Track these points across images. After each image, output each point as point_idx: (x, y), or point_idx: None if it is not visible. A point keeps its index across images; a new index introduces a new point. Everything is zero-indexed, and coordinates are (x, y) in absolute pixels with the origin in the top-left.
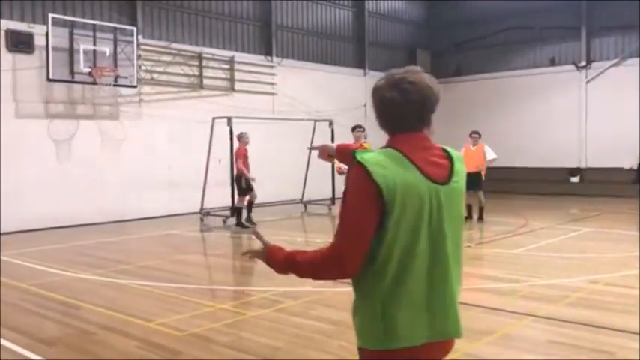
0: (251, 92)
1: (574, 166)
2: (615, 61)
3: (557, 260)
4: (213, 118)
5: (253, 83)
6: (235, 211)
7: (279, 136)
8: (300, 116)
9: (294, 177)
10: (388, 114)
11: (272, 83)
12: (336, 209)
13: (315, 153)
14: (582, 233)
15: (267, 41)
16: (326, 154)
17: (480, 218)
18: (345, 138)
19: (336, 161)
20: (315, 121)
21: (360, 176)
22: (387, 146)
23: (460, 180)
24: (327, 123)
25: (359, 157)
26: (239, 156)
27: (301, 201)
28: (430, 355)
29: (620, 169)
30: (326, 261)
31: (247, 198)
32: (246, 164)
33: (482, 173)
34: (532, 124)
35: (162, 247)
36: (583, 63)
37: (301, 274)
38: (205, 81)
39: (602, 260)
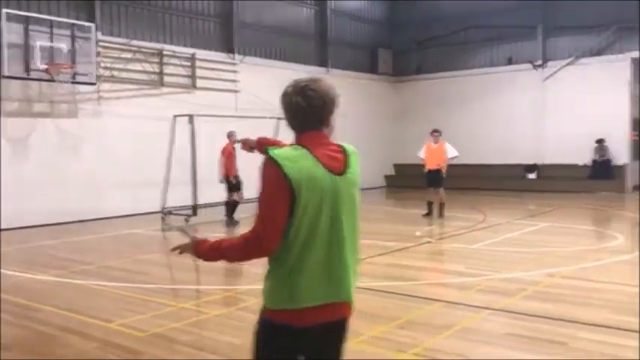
0: (213, 90)
1: (531, 162)
2: (570, 60)
3: (514, 255)
4: (175, 116)
5: (215, 81)
6: (227, 206)
7: (242, 134)
8: (263, 114)
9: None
10: (295, 116)
11: (234, 81)
12: None
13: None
14: (539, 228)
15: (228, 38)
16: (247, 146)
17: (441, 214)
18: None
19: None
20: (278, 119)
21: (273, 169)
22: (294, 143)
23: (354, 171)
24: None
25: (271, 152)
26: (224, 154)
27: None
28: (326, 314)
29: (576, 166)
30: (249, 243)
31: (233, 196)
32: (230, 163)
33: (443, 170)
34: (491, 121)
35: (124, 246)
36: (539, 62)
37: (230, 258)
38: (166, 78)
39: (559, 254)
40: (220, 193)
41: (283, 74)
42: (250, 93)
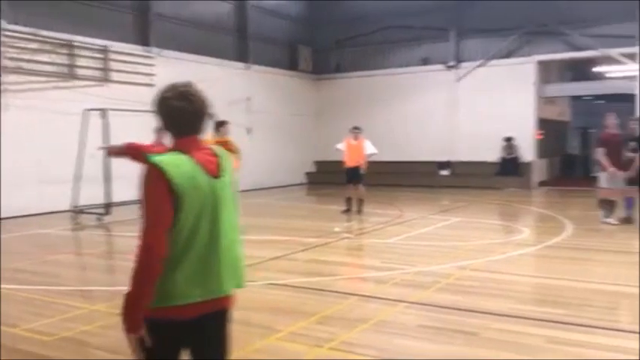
0: (128, 83)
1: (445, 159)
2: (481, 62)
3: (428, 249)
4: (86, 110)
5: (130, 74)
6: None
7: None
8: None
9: None
10: (176, 121)
11: (150, 74)
12: None
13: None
14: (452, 223)
15: (144, 31)
16: (114, 152)
17: (359, 211)
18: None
19: None
20: None
21: (157, 176)
22: (174, 148)
23: (228, 174)
24: (209, 117)
25: (153, 159)
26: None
27: None
28: (205, 307)
29: (486, 163)
30: (145, 256)
31: None
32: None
33: (363, 167)
34: (407, 120)
35: (32, 247)
36: (453, 63)
37: (147, 280)
38: (77, 71)
39: (469, 248)
40: (135, 191)
41: (202, 69)
42: None
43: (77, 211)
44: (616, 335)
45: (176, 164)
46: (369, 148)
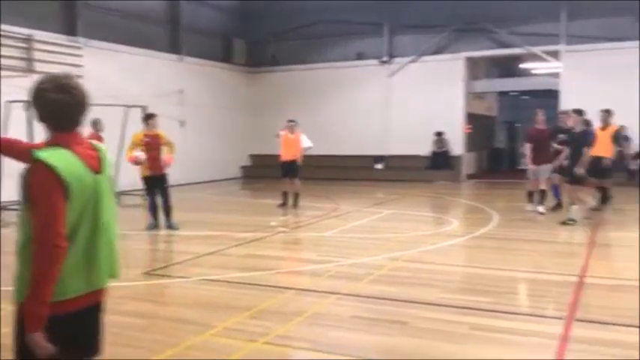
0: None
1: (379, 153)
2: (413, 57)
3: (362, 241)
4: (8, 102)
5: (56, 65)
6: None
7: (87, 123)
8: (110, 101)
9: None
10: (56, 114)
11: (78, 65)
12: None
13: None
14: (385, 215)
15: (71, 20)
16: None
17: (295, 204)
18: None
19: (132, 152)
20: (128, 107)
21: (46, 173)
22: (53, 142)
23: (108, 169)
24: (141, 109)
25: (40, 155)
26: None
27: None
28: (86, 300)
29: (418, 156)
30: (43, 253)
31: None
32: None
33: (299, 161)
34: (342, 114)
35: None
36: (386, 58)
37: (52, 279)
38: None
39: (402, 239)
40: None
41: (133, 60)
42: (96, 79)
43: (1, 208)
44: (540, 321)
45: (64, 160)
46: (305, 142)
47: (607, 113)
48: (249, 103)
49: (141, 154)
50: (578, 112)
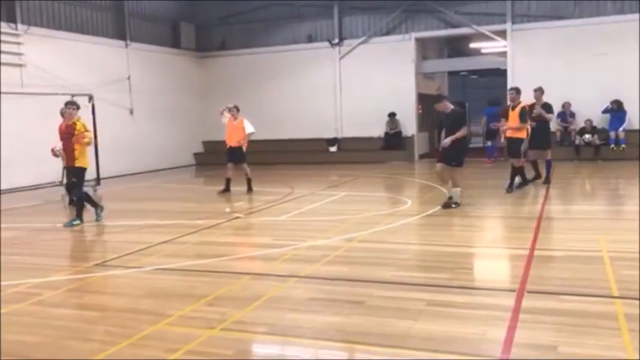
0: None
1: (332, 136)
2: (363, 38)
3: (317, 223)
4: None
5: None
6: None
7: (31, 113)
8: (54, 90)
9: (50, 157)
10: None
11: (18, 54)
12: (102, 189)
13: None
14: (339, 197)
15: (10, 6)
16: None
17: (250, 189)
18: (107, 112)
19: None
20: (73, 95)
21: None
22: None
23: None
24: (87, 97)
25: None
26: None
27: (61, 183)
28: None
29: (371, 138)
30: None
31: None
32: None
33: (244, 147)
34: (294, 97)
35: None
36: (336, 40)
37: None
38: None
39: (356, 220)
40: (13, 179)
41: (77, 47)
42: (38, 67)
43: None
44: (494, 295)
45: None
46: (248, 128)
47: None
48: (200, 89)
49: (57, 146)
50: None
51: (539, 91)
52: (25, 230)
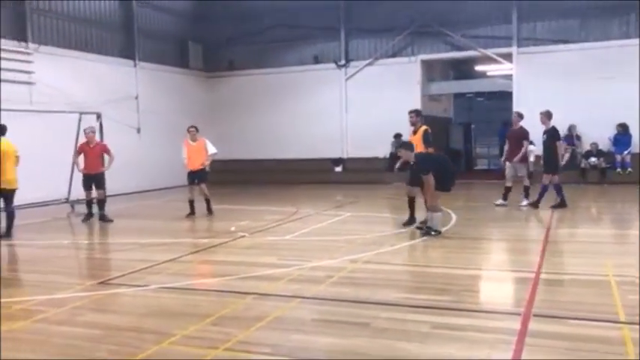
0: (3, 81)
1: (337, 156)
2: (370, 60)
3: (322, 243)
4: None
5: (5, 71)
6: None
7: (40, 130)
8: (63, 108)
9: (58, 175)
10: None
11: (29, 72)
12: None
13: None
14: (344, 218)
15: (21, 25)
16: None
17: (209, 210)
18: (115, 131)
19: None
20: (81, 113)
21: None
22: None
23: None
24: (95, 115)
25: None
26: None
27: (67, 200)
28: None
29: (376, 158)
30: None
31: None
32: (77, 158)
33: (206, 168)
34: (300, 117)
35: None
36: (343, 62)
37: None
38: None
39: (361, 241)
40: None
41: (86, 66)
42: (48, 85)
43: None
44: (495, 317)
45: None
46: (210, 149)
47: (545, 115)
48: (207, 109)
49: None
50: (547, 114)
51: (544, 115)
52: (32, 247)
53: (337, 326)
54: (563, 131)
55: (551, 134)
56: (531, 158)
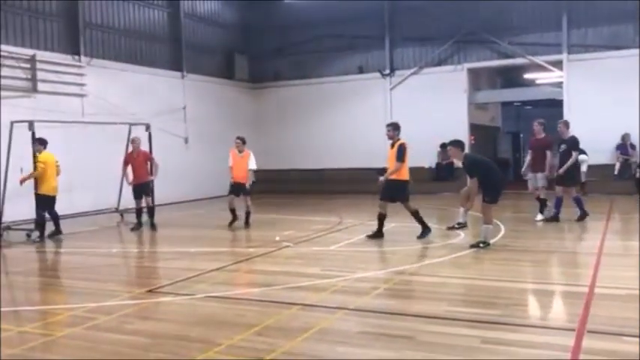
0: (57, 94)
1: (382, 166)
2: (414, 69)
3: (368, 254)
4: (12, 122)
5: (59, 84)
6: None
7: (91, 141)
8: (112, 119)
9: (108, 184)
10: None
11: (81, 84)
12: (158, 216)
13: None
14: (390, 228)
15: (74, 40)
16: None
17: (247, 223)
18: (163, 141)
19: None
20: (131, 124)
21: None
22: None
23: None
24: (144, 127)
25: None
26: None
27: (117, 210)
28: None
29: (422, 168)
30: None
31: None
32: (125, 168)
33: (248, 183)
34: (344, 127)
35: None
36: (387, 71)
37: None
38: (3, 81)
39: (407, 252)
40: (72, 205)
41: (135, 78)
42: (99, 97)
43: (4, 228)
44: (546, 333)
45: None
46: (252, 164)
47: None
48: (253, 119)
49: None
50: (565, 123)
51: (563, 124)
52: (82, 255)
53: (382, 339)
54: (616, 140)
55: (570, 144)
56: (583, 168)
